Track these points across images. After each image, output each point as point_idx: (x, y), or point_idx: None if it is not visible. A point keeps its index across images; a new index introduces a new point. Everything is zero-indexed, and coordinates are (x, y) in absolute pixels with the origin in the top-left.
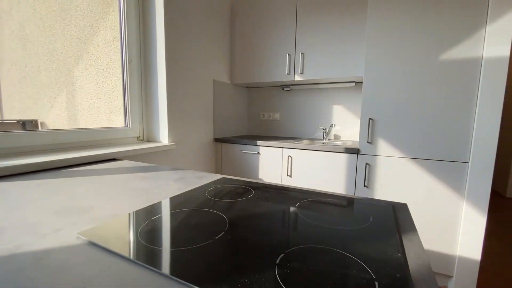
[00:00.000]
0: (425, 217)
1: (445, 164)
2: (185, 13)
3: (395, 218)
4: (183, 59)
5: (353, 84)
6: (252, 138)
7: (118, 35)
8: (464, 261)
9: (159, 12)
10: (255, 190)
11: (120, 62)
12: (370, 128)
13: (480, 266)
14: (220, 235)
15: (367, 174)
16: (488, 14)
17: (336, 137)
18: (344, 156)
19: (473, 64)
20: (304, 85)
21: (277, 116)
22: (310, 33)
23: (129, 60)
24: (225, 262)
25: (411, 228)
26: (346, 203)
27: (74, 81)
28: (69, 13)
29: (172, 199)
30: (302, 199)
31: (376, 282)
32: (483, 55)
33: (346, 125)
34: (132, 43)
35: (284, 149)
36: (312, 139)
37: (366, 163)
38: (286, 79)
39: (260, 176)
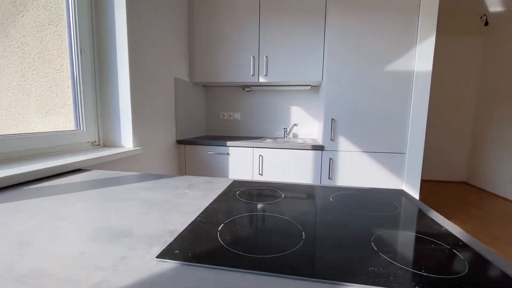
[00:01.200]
0: None
1: (390, 155)
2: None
3: (410, 201)
4: (145, 53)
5: (309, 87)
6: (218, 138)
7: (58, 19)
8: None
9: None
10: (279, 190)
11: (65, 52)
12: (333, 127)
13: None
14: (304, 234)
15: (330, 168)
16: (417, 37)
17: (295, 136)
18: (311, 152)
19: (408, 75)
20: (264, 86)
21: (237, 116)
22: (273, 38)
23: (81, 51)
24: (332, 255)
25: (426, 207)
26: (368, 193)
27: None
28: None
29: (213, 208)
30: (331, 193)
31: (454, 250)
32: (415, 69)
33: (303, 124)
34: (84, 31)
35: (255, 148)
36: (274, 138)
37: (330, 158)
38: (250, 80)
39: (230, 176)
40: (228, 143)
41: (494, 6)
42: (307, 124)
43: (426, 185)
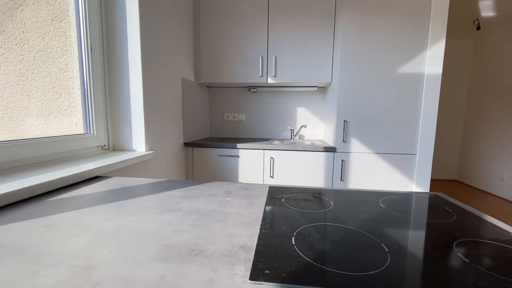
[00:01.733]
0: None
1: (400, 156)
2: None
3: (459, 206)
4: (155, 52)
5: (316, 88)
6: (224, 140)
7: (62, 14)
8: None
9: None
10: (323, 196)
11: (71, 50)
12: (345, 129)
13: None
14: (386, 248)
15: (342, 169)
16: (428, 40)
17: (301, 137)
18: (323, 154)
19: (418, 78)
20: (270, 87)
21: (242, 117)
22: (282, 39)
23: (92, 49)
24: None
25: (479, 212)
26: (411, 197)
27: None
28: None
29: (270, 218)
30: (379, 198)
31: None
32: (425, 71)
33: (309, 125)
34: (94, 28)
35: (266, 150)
36: (281, 139)
37: (342, 160)
38: (258, 80)
39: (240, 179)
40: (238, 145)
41: (487, 11)
42: (313, 126)
43: None
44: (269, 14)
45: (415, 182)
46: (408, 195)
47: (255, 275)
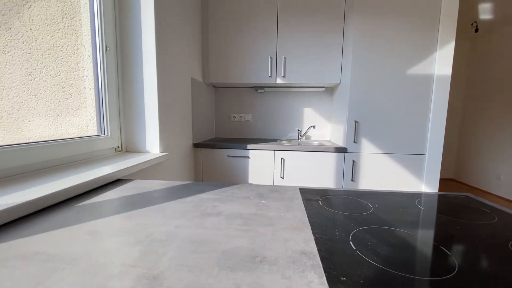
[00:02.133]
0: None
1: (410, 156)
2: None
3: (498, 208)
4: (167, 52)
5: (323, 89)
6: (232, 141)
7: (73, 12)
8: None
9: None
10: (357, 197)
11: (81, 48)
12: (356, 129)
13: None
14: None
15: (354, 170)
16: (438, 41)
17: (308, 137)
18: (333, 155)
19: (428, 78)
20: (277, 88)
21: (248, 117)
22: (291, 39)
23: (107, 48)
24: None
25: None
26: (444, 198)
27: None
28: None
29: (317, 222)
30: (414, 199)
31: None
32: (435, 72)
33: (316, 126)
34: (109, 27)
35: (276, 151)
36: (288, 140)
37: (353, 160)
38: (267, 81)
39: (250, 180)
40: (249, 146)
41: (485, 14)
42: (319, 126)
43: None
44: (278, 15)
45: (424, 182)
46: (440, 196)
47: (333, 283)
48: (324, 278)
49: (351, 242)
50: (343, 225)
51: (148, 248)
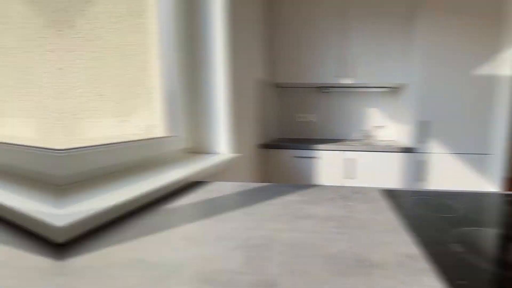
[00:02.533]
0: None
1: (476, 156)
2: None
3: None
4: (235, 51)
5: (388, 89)
6: (297, 141)
7: (141, 9)
8: None
9: None
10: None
11: (150, 47)
12: (424, 130)
13: None
14: None
15: (421, 170)
16: (504, 42)
17: (372, 138)
18: (401, 155)
19: (494, 78)
20: (341, 88)
21: (313, 117)
22: (358, 39)
23: (178, 47)
24: None
25: None
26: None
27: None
28: None
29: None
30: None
31: None
32: (502, 73)
33: (380, 126)
34: (179, 27)
35: (345, 152)
36: (353, 140)
37: (420, 160)
38: (332, 81)
39: (318, 181)
40: (317, 146)
41: None
42: (383, 126)
43: None
44: (344, 17)
45: (489, 182)
46: None
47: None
48: (440, 282)
49: (454, 244)
50: (440, 227)
51: (250, 253)
